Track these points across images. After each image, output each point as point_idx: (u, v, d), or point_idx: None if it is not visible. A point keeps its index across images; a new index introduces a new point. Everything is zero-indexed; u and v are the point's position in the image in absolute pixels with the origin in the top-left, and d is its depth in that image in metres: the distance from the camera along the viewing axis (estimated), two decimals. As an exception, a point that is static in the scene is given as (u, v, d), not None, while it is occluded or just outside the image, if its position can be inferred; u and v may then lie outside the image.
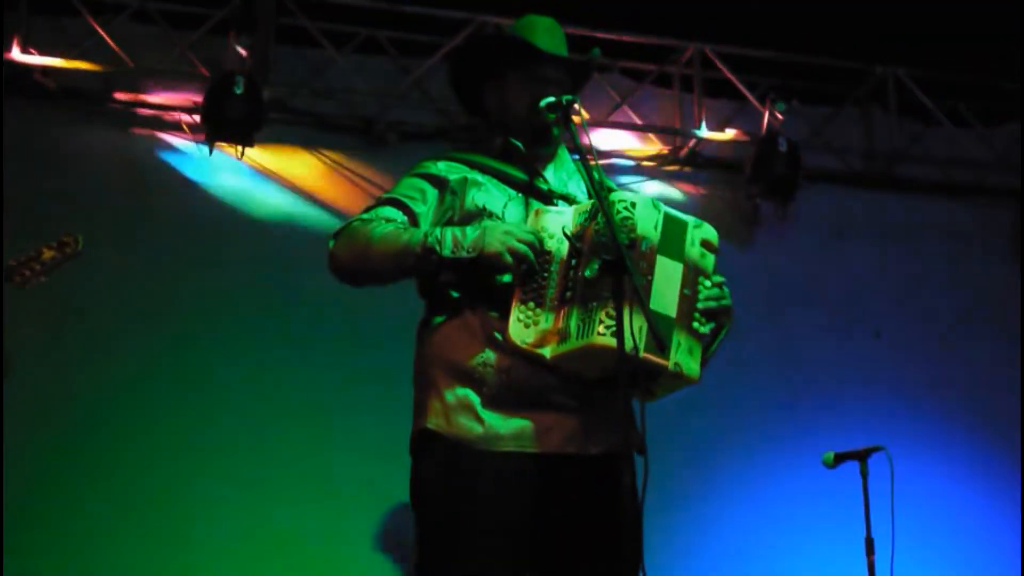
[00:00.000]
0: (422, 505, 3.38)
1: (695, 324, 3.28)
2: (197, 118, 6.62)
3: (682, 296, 3.27)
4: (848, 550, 5.43)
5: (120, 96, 6.69)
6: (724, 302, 3.35)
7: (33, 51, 6.46)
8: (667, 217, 3.32)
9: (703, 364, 3.31)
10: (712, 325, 3.34)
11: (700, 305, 3.30)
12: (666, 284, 3.26)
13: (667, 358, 3.18)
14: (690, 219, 3.36)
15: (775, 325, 6.74)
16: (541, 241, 3.25)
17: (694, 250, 3.34)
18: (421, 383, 3.43)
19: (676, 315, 3.25)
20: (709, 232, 3.38)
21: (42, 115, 6.50)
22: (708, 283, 3.33)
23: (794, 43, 7.29)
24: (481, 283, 3.33)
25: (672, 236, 3.31)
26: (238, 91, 6.44)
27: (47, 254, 4.52)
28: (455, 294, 3.39)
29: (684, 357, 3.23)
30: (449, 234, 3.28)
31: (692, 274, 3.31)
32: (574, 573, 3.31)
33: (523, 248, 3.21)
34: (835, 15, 6.93)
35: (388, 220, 3.41)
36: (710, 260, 3.37)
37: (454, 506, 3.29)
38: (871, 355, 7.22)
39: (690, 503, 6.40)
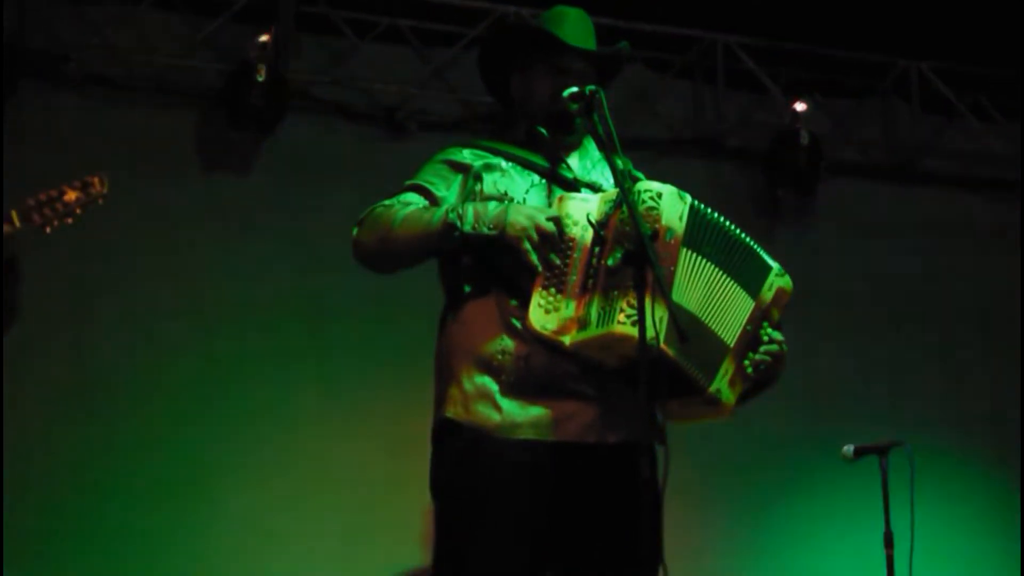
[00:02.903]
0: (441, 494, 3.41)
1: (745, 362, 3.34)
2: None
3: (744, 330, 3.33)
4: (867, 544, 5.42)
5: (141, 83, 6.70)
6: (779, 368, 3.40)
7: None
8: (703, 215, 3.33)
9: (739, 404, 3.37)
10: (760, 375, 3.37)
11: (758, 356, 3.35)
12: (704, 286, 3.29)
13: (709, 379, 3.24)
14: (775, 265, 3.43)
15: (795, 318, 6.66)
16: (563, 225, 3.25)
17: (769, 294, 3.40)
18: (441, 373, 3.45)
19: (734, 346, 3.31)
20: (788, 284, 3.44)
21: (61, 101, 6.52)
22: (770, 332, 3.38)
23: (816, 35, 7.27)
24: (500, 270, 3.34)
25: (707, 234, 3.33)
26: (260, 79, 6.46)
27: (70, 194, 4.18)
28: (475, 280, 3.41)
29: (726, 387, 3.29)
30: (471, 209, 3.30)
31: (759, 316, 3.37)
32: (592, 562, 3.32)
33: (547, 226, 3.22)
34: (858, 7, 6.92)
35: (407, 204, 3.44)
36: (776, 313, 3.42)
37: (472, 495, 3.31)
38: (892, 349, 7.22)
39: (708, 495, 6.40)
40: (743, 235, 3.41)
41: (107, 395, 6.15)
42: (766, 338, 3.37)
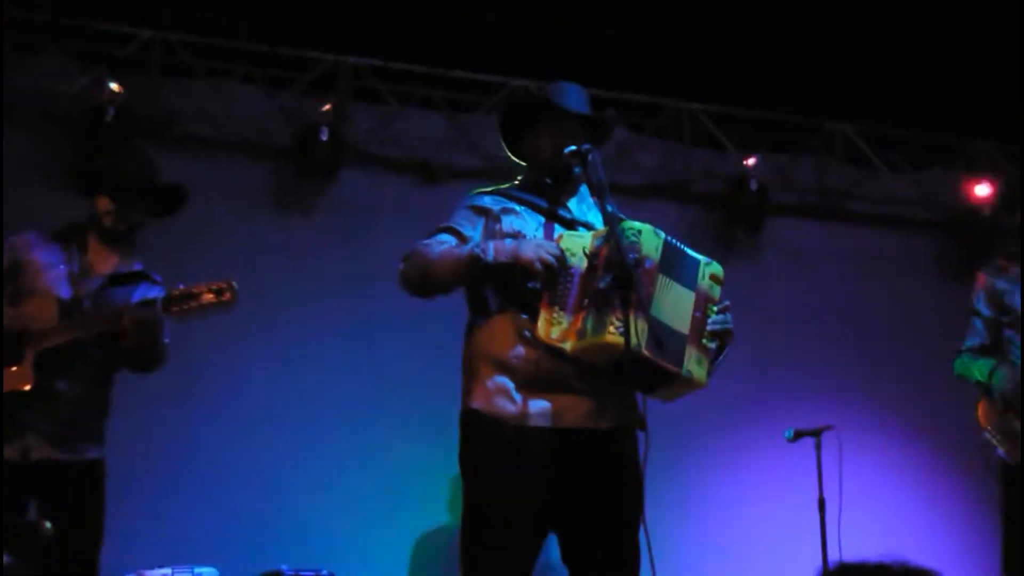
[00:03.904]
0: (468, 470, 3.40)
1: (703, 340, 3.31)
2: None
3: (693, 318, 3.30)
4: (804, 509, 5.41)
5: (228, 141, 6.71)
6: (727, 325, 3.37)
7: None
8: (670, 246, 3.32)
9: (710, 373, 3.33)
10: (717, 342, 3.35)
11: (708, 327, 3.32)
12: (675, 303, 3.27)
13: (680, 366, 3.21)
14: (702, 258, 3.40)
15: (748, 331, 6.60)
16: (564, 256, 3.26)
17: (704, 282, 3.36)
18: (467, 372, 3.44)
19: (688, 333, 3.27)
20: (716, 268, 3.41)
21: (165, 155, 6.49)
22: (715, 308, 3.35)
23: (762, 103, 7.29)
24: (514, 291, 3.34)
25: (678, 263, 3.32)
26: (323, 139, 6.48)
27: (207, 297, 3.90)
28: (495, 300, 3.41)
29: (695, 367, 3.26)
30: (492, 244, 3.32)
31: (702, 301, 3.33)
32: (588, 524, 3.32)
33: (550, 257, 3.22)
34: (794, 81, 6.92)
35: (442, 243, 3.44)
36: (716, 290, 3.39)
37: (492, 470, 3.31)
38: (825, 355, 7.21)
39: (678, 470, 6.38)
40: (692, 252, 3.39)
41: (202, 392, 6.14)
42: (712, 317, 3.34)
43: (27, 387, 3.87)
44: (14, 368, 3.89)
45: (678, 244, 3.35)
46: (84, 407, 4.01)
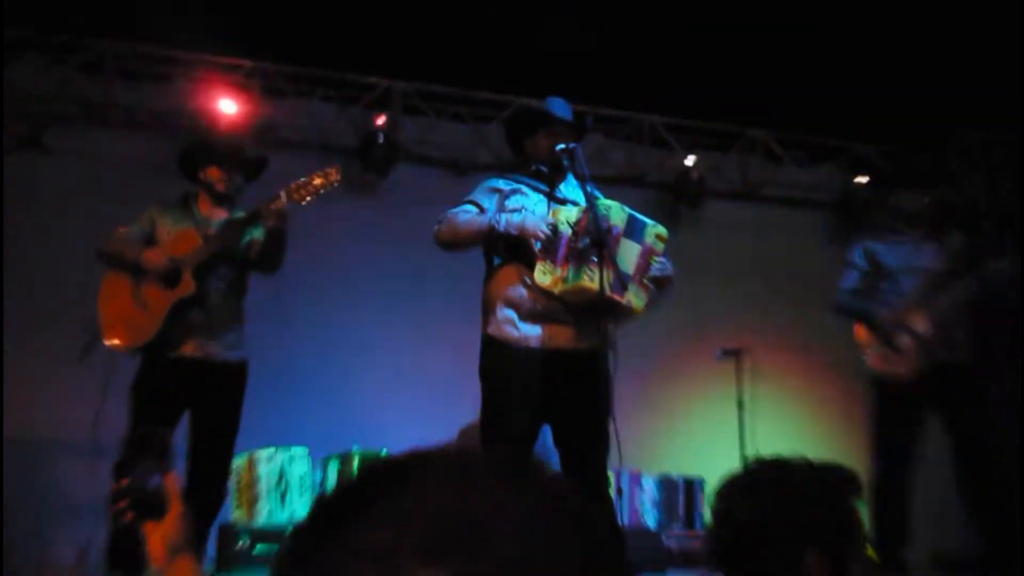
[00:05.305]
0: (484, 380, 3.46)
1: (644, 280, 3.34)
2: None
3: (637, 264, 3.33)
4: (727, 410, 5.43)
5: (310, 144, 6.66)
6: (666, 272, 3.41)
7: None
8: (632, 216, 3.35)
9: (649, 305, 3.36)
10: (655, 284, 3.38)
11: (650, 272, 3.34)
12: (628, 254, 3.31)
13: (623, 298, 3.24)
14: (650, 221, 3.44)
15: (689, 283, 6.62)
16: (556, 226, 3.29)
17: (649, 239, 3.40)
18: (484, 307, 3.50)
19: (632, 274, 3.29)
20: (661, 229, 3.45)
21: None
22: (656, 259, 3.36)
23: (701, 114, 7.25)
24: (519, 250, 3.38)
25: (634, 228, 3.35)
26: (380, 142, 6.46)
27: (317, 180, 3.75)
28: (504, 255, 3.44)
29: (634, 298, 3.31)
30: (504, 217, 3.35)
31: (646, 253, 3.36)
32: (572, 418, 3.37)
33: (545, 229, 3.25)
34: (725, 98, 6.89)
35: (467, 212, 3.47)
36: (660, 246, 3.43)
37: (502, 380, 3.37)
38: (745, 297, 7.21)
39: (639, 380, 6.36)
40: (643, 217, 3.40)
41: (292, 317, 6.11)
42: (654, 265, 3.36)
43: (191, 291, 3.81)
44: (179, 285, 3.85)
45: (637, 215, 3.39)
46: (229, 315, 3.97)
